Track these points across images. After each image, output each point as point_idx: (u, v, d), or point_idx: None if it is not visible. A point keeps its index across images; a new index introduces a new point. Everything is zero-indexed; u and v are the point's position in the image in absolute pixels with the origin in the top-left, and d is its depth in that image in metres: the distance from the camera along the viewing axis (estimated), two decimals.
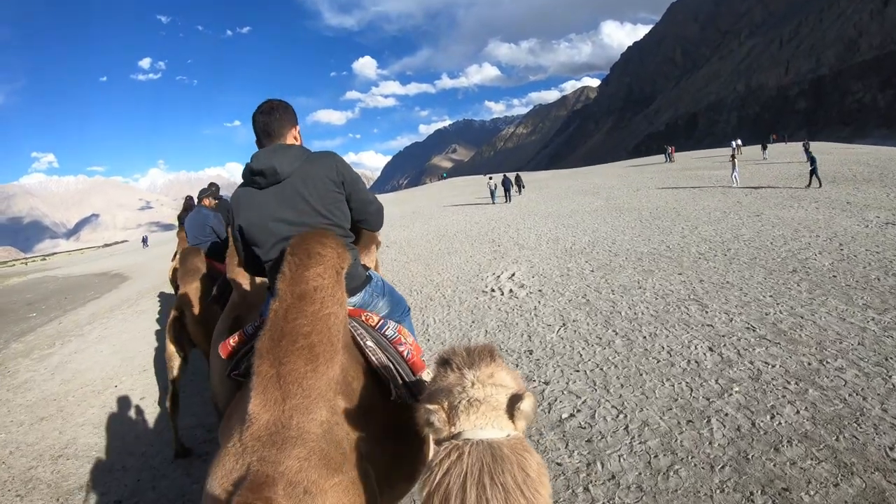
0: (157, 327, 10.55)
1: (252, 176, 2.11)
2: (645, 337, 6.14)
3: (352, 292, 2.20)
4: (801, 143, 38.07)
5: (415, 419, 1.31)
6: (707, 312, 6.67)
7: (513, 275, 10.27)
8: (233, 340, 2.17)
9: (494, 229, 17.93)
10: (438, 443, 1.22)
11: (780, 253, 9.30)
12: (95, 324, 12.59)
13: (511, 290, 9.12)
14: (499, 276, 10.30)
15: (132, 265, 32.89)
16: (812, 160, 19.06)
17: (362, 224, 2.35)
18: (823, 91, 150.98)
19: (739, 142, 47.96)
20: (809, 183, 18.78)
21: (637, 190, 25.45)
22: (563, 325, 6.98)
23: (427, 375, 2.12)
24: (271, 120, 2.23)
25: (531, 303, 8.23)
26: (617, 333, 6.40)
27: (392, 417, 1.92)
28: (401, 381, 2.03)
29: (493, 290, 9.32)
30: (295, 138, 2.31)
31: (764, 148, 40.85)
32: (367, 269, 2.42)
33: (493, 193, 31.51)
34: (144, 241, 64.66)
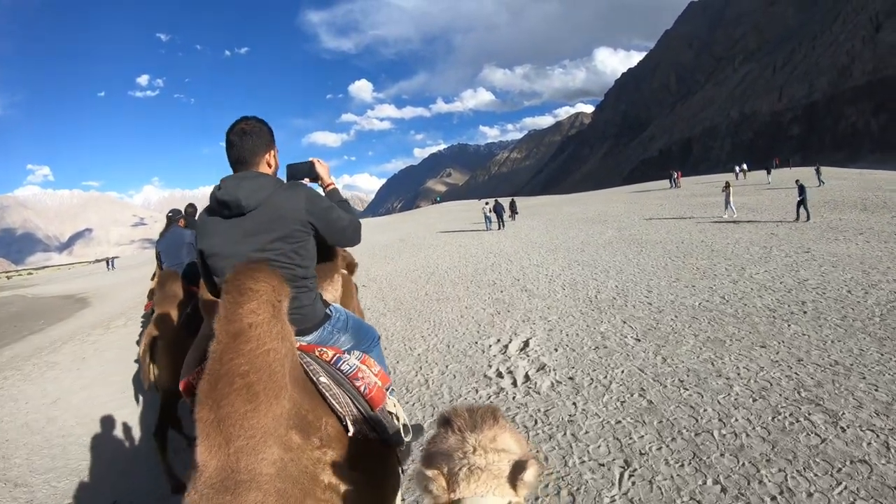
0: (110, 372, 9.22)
1: (218, 205, 2.07)
2: (774, 499, 3.47)
3: (309, 331, 2.21)
4: (812, 168, 36.72)
5: (378, 453, 1.84)
6: (845, 432, 4.20)
7: (526, 344, 7.47)
8: (191, 377, 2.16)
9: (494, 266, 15.19)
10: None
11: (869, 307, 7.47)
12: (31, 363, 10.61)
13: (528, 377, 6.28)
14: (506, 347, 7.49)
15: (98, 288, 31.51)
16: (802, 190, 17.88)
17: (340, 245, 2.38)
18: (817, 116, 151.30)
19: (745, 166, 47.86)
20: (798, 216, 17.89)
21: (649, 219, 23.25)
22: (626, 465, 4.12)
23: (392, 404, 2.27)
24: (243, 146, 2.14)
25: (562, 406, 5.38)
26: (725, 490, 3.62)
27: (354, 448, 1.90)
28: (360, 417, 2.01)
29: (500, 376, 6.44)
30: (269, 164, 2.22)
31: (768, 172, 40.54)
32: (327, 304, 2.39)
33: (488, 219, 29.47)
34: (109, 263, 60.78)
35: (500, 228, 28.05)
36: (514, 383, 6.07)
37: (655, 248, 14.76)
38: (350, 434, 1.93)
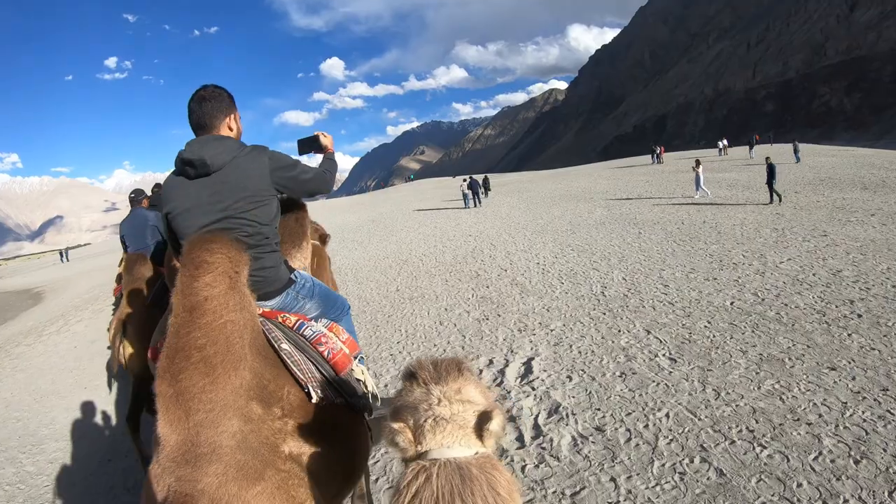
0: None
1: (183, 165, 2.08)
2: None
3: (271, 295, 2.21)
4: (790, 145, 36.51)
5: (345, 419, 1.85)
6: None
7: (528, 367, 5.64)
8: (160, 344, 1.99)
9: (475, 252, 13.35)
10: (405, 462, 1.18)
11: None
12: None
13: (538, 427, 4.42)
14: (502, 373, 5.62)
15: (55, 281, 30.29)
16: (771, 171, 16.06)
17: (310, 195, 2.39)
18: (791, 94, 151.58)
19: (726, 142, 47.61)
20: (771, 198, 16.19)
21: (638, 196, 21.72)
22: None
23: (359, 371, 2.28)
24: (202, 112, 2.16)
25: (596, 484, 3.56)
26: None
27: (319, 416, 1.89)
28: (325, 383, 2.01)
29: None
30: (230, 128, 2.24)
31: (751, 147, 40.15)
32: (292, 270, 2.39)
33: (465, 197, 28.26)
34: (63, 254, 57.52)
35: (476, 206, 27.28)
36: (521, 439, 4.22)
37: (655, 230, 13.15)
38: (314, 401, 1.92)
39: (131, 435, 4.79)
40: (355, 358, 2.30)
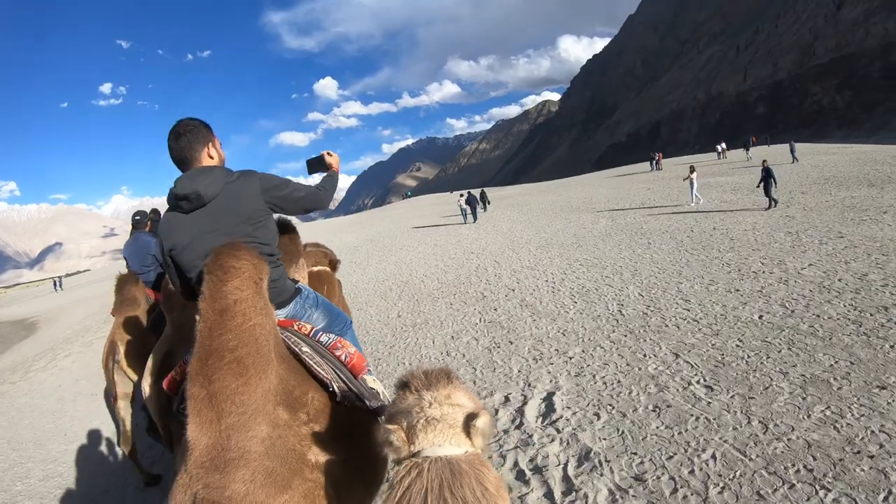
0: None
1: (177, 201, 2.12)
2: None
3: (281, 305, 2.27)
4: (786, 145, 35.84)
5: (366, 425, 1.72)
6: None
7: (549, 403, 5.06)
8: (175, 373, 2.18)
9: (479, 270, 12.79)
10: (398, 462, 1.22)
11: None
12: None
13: (568, 480, 3.82)
14: (520, 411, 5.02)
15: (49, 310, 30.13)
16: (768, 174, 15.36)
17: (304, 212, 2.41)
18: (782, 95, 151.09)
19: (724, 145, 47.23)
20: (769, 203, 15.30)
21: (641, 205, 21.13)
22: None
23: (371, 380, 2.29)
24: (180, 147, 2.20)
25: None
26: None
27: (341, 422, 1.93)
28: (343, 384, 2.04)
29: (522, 479, 3.96)
30: (210, 156, 2.26)
31: (747, 150, 40.25)
32: (295, 282, 2.51)
33: (464, 212, 27.97)
34: (57, 284, 56.81)
35: (473, 221, 26.93)
36: (550, 496, 3.66)
37: (664, 239, 12.61)
38: (337, 400, 1.97)
39: (130, 456, 4.95)
40: (365, 367, 2.31)
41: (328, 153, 2.75)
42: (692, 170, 19.23)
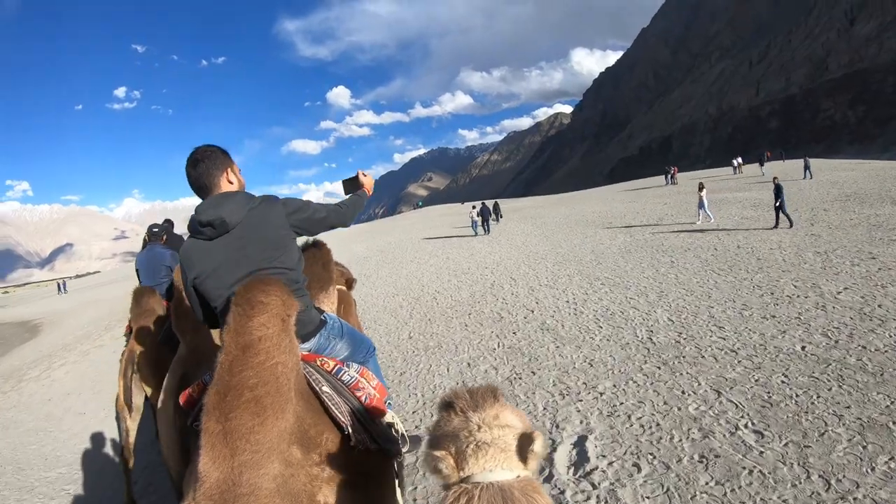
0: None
1: (200, 227, 2.09)
2: None
3: (306, 337, 2.20)
4: (800, 161, 35.25)
5: (378, 468, 1.85)
6: None
7: (580, 449, 4.53)
8: (192, 390, 2.16)
9: (495, 288, 12.27)
10: (447, 487, 1.17)
11: None
12: None
13: None
14: (549, 460, 4.49)
15: (55, 312, 30.02)
16: (779, 192, 14.76)
17: (327, 230, 2.42)
18: (795, 110, 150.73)
19: (740, 160, 46.97)
20: (776, 223, 14.88)
21: (659, 220, 20.59)
22: None
23: (389, 415, 2.22)
24: (199, 173, 2.17)
25: None
26: None
27: (354, 464, 1.88)
28: (361, 427, 1.99)
29: None
30: (230, 181, 2.23)
31: (761, 164, 40.29)
32: (321, 311, 2.41)
33: (475, 224, 27.78)
34: (61, 286, 56.83)
35: (486, 233, 26.57)
36: None
37: (688, 258, 12.10)
38: (352, 444, 1.92)
39: (125, 475, 4.89)
40: (385, 402, 2.27)
41: (362, 173, 2.78)
42: (701, 187, 18.60)
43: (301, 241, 2.67)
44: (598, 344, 7.11)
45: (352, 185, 2.77)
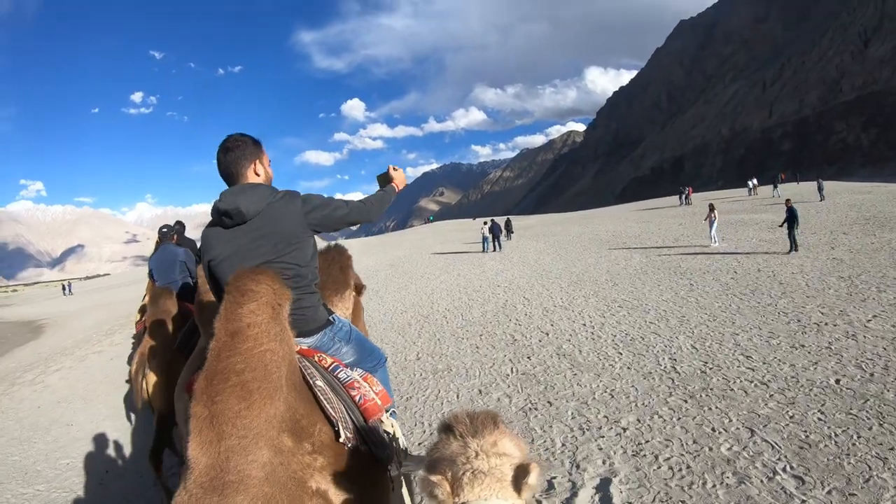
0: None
1: (219, 216, 2.13)
2: None
3: (309, 333, 2.24)
4: (814, 183, 35.79)
5: (368, 470, 1.85)
6: None
7: (603, 495, 4.09)
8: (195, 378, 1.96)
9: (507, 307, 11.86)
10: None
11: None
12: None
13: None
14: None
15: (59, 314, 29.95)
16: (792, 215, 14.40)
17: (355, 225, 2.42)
18: (807, 132, 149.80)
19: (755, 181, 46.20)
20: (792, 246, 14.34)
21: (675, 241, 20.21)
22: None
23: (389, 423, 2.19)
24: (227, 161, 2.21)
25: None
26: None
27: (346, 460, 1.88)
28: (352, 426, 1.99)
29: None
30: (257, 173, 2.26)
31: (775, 186, 40.16)
32: (330, 312, 2.41)
33: (485, 240, 27.30)
34: (66, 288, 57.30)
35: (496, 250, 26.21)
36: None
37: (707, 281, 11.71)
38: (341, 440, 1.90)
39: (154, 473, 4.74)
40: (386, 411, 2.24)
41: (393, 167, 2.75)
42: (712, 208, 18.09)
43: (323, 244, 2.76)
44: (619, 372, 6.69)
45: (384, 179, 2.75)
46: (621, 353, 7.42)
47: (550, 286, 13.81)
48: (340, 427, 1.90)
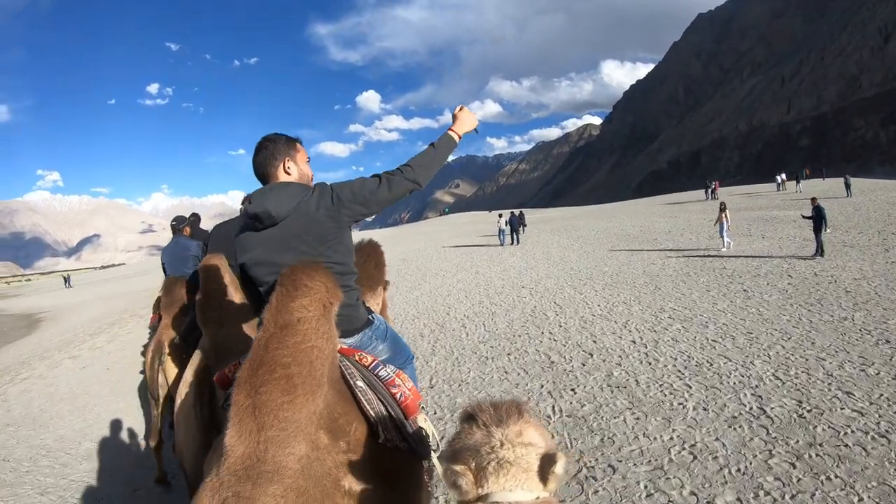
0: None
1: (251, 219, 2.11)
2: None
3: (350, 333, 2.19)
4: (839, 179, 35.93)
5: (406, 467, 1.81)
6: None
7: None
8: (228, 370, 2.20)
9: (538, 316, 10.25)
10: None
11: None
12: None
13: None
14: None
15: (60, 307, 29.55)
16: (820, 215, 13.42)
17: (391, 202, 2.18)
18: (825, 128, 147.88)
19: (784, 176, 45.55)
20: (818, 250, 13.12)
21: (710, 237, 18.92)
22: None
23: (423, 420, 2.10)
24: (258, 163, 2.18)
25: None
26: None
27: (384, 460, 1.85)
28: (391, 424, 1.95)
29: None
30: (287, 171, 2.19)
31: (797, 182, 40.27)
32: (370, 311, 2.38)
33: (502, 233, 26.76)
34: (66, 280, 57.62)
35: (513, 243, 25.58)
36: None
37: (762, 286, 10.36)
38: (380, 441, 1.88)
39: (155, 454, 4.96)
40: (419, 405, 2.20)
41: (460, 108, 2.44)
42: (723, 208, 16.43)
43: (357, 239, 2.67)
44: (694, 417, 5.10)
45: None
46: (689, 386, 5.88)
47: (583, 289, 12.38)
48: (380, 428, 1.85)
